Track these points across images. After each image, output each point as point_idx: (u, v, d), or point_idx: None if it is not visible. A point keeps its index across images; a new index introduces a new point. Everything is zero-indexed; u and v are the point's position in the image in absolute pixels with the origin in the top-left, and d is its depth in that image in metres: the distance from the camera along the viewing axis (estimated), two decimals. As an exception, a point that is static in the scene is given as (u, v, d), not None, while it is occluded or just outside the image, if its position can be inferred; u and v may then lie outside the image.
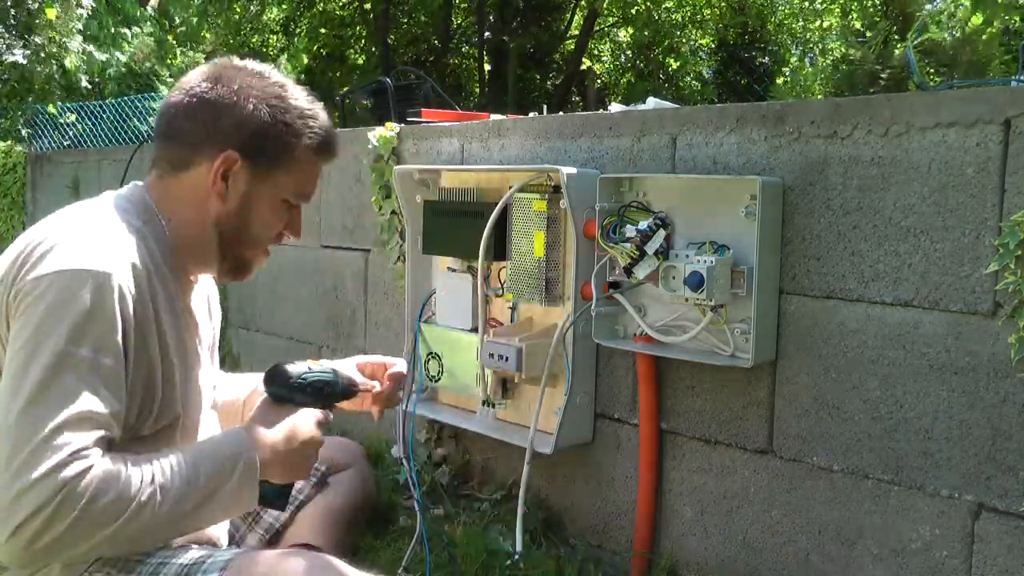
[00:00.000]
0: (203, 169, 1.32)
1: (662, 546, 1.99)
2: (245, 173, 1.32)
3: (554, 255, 1.99)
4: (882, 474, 1.65)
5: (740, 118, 1.82)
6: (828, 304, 1.71)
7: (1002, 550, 1.52)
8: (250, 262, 1.42)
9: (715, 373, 1.87)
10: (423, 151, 2.55)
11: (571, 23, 14.38)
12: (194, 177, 1.33)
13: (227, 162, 1.31)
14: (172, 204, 1.34)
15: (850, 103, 1.67)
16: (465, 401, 2.27)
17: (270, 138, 1.32)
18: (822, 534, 1.74)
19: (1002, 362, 1.50)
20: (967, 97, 1.55)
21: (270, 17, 13.36)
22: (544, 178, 2.01)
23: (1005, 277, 1.47)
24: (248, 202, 1.35)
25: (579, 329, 1.99)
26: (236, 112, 1.31)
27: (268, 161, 1.33)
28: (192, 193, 1.33)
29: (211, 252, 1.38)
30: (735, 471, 1.87)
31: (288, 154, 1.34)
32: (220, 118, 1.31)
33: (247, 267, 1.43)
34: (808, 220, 1.72)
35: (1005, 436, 1.51)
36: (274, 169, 1.34)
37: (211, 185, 1.32)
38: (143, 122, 5.32)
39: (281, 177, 1.35)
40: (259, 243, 1.40)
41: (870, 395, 1.66)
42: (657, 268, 1.78)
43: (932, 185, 1.56)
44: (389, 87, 3.03)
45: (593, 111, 3.33)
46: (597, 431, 2.11)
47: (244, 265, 1.42)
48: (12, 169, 5.43)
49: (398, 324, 2.61)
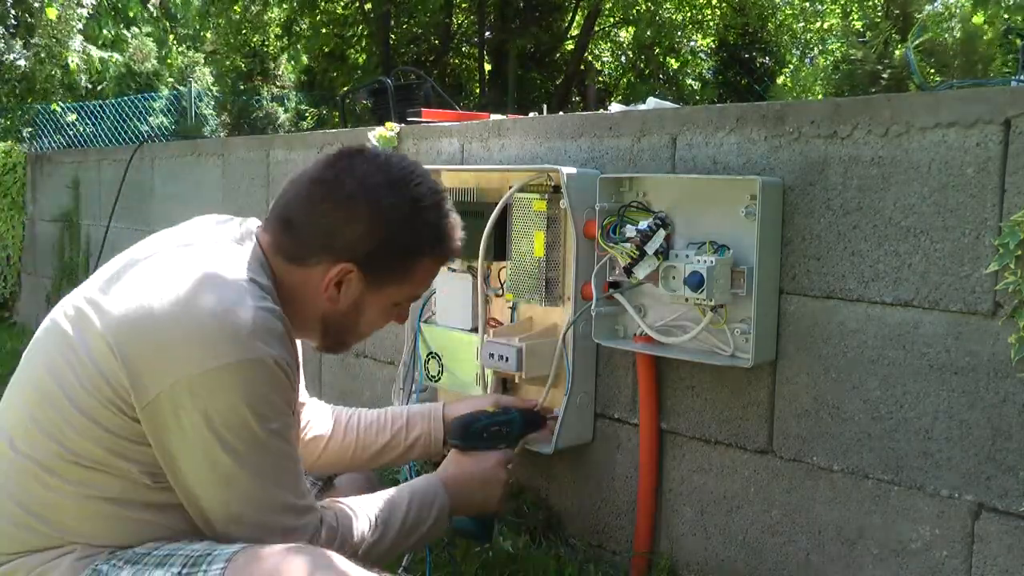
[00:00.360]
0: (319, 271, 1.30)
1: (662, 546, 1.99)
2: (360, 283, 1.31)
3: (554, 255, 1.99)
4: (882, 474, 1.65)
5: (740, 118, 1.82)
6: (828, 304, 1.71)
7: (1002, 550, 1.52)
8: (349, 344, 1.44)
9: (715, 373, 1.87)
10: (423, 151, 2.55)
11: (572, 23, 14.37)
12: (309, 274, 1.31)
13: (343, 273, 1.30)
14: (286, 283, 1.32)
15: (850, 103, 1.67)
16: (465, 401, 2.27)
17: (392, 255, 1.31)
18: (822, 534, 1.74)
19: (1002, 362, 1.50)
20: (967, 97, 1.54)
21: (271, 17, 13.36)
22: (544, 178, 2.01)
23: (1005, 277, 1.47)
24: (359, 308, 1.35)
25: (579, 329, 1.99)
26: (361, 225, 1.28)
27: (385, 277, 1.33)
28: (305, 285, 1.32)
29: (314, 333, 1.39)
30: (735, 471, 1.87)
31: (408, 269, 1.35)
32: (343, 227, 1.28)
33: (344, 347, 1.45)
34: (808, 220, 1.72)
35: (1005, 436, 1.50)
36: (390, 283, 1.34)
37: (323, 290, 1.31)
38: (143, 122, 5.33)
39: (396, 288, 1.36)
40: (364, 335, 1.43)
41: (870, 395, 1.66)
42: (657, 268, 1.78)
43: (932, 185, 1.56)
44: (389, 87, 3.03)
45: (593, 111, 3.33)
46: (597, 431, 2.11)
47: (342, 345, 1.44)
48: (12, 169, 5.43)
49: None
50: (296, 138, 3.20)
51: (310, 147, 3.02)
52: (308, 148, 3.03)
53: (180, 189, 3.90)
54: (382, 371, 2.77)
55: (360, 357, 2.86)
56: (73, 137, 8.15)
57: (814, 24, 14.75)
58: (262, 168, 3.28)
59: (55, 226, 5.02)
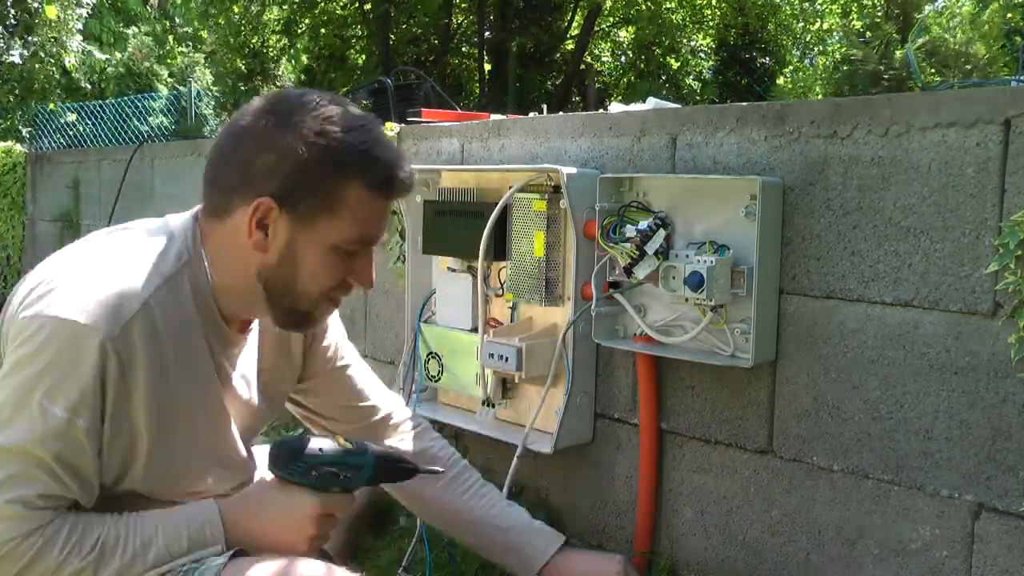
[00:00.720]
0: (240, 217, 1.19)
1: (662, 546, 1.99)
2: (285, 222, 1.18)
3: (554, 255, 1.99)
4: (882, 474, 1.65)
5: (740, 118, 1.82)
6: (828, 304, 1.71)
7: (1002, 550, 1.52)
8: (308, 314, 1.27)
9: (715, 373, 1.87)
10: (423, 151, 2.55)
11: (572, 23, 14.37)
12: (233, 225, 1.20)
13: (261, 210, 1.17)
14: (215, 250, 1.23)
15: (850, 103, 1.67)
16: (465, 401, 2.27)
17: (310, 181, 1.17)
18: (822, 534, 1.74)
19: (1002, 362, 1.50)
20: (967, 97, 1.54)
21: (270, 17, 13.36)
22: (544, 178, 2.01)
23: (1005, 277, 1.47)
24: (292, 253, 1.20)
25: (579, 329, 1.99)
26: (271, 152, 1.16)
27: (309, 207, 1.18)
28: (234, 241, 1.21)
29: (260, 303, 1.25)
30: (735, 471, 1.87)
31: (335, 197, 1.18)
32: (254, 160, 1.17)
33: (306, 319, 1.28)
34: (808, 220, 1.72)
35: (1005, 436, 1.50)
36: (317, 216, 1.19)
37: (248, 236, 1.19)
38: (143, 122, 5.33)
39: (327, 223, 1.19)
40: (310, 296, 1.24)
41: (870, 395, 1.66)
42: (657, 268, 1.78)
43: (932, 185, 1.56)
44: (389, 87, 3.03)
45: (593, 111, 3.33)
46: (597, 431, 2.11)
47: (302, 317, 1.27)
48: (12, 169, 5.43)
49: (398, 324, 2.61)
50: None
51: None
52: (308, 148, 3.03)
53: (180, 189, 3.90)
54: (382, 371, 2.76)
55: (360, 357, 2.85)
56: (73, 137, 8.15)
57: (814, 24, 14.75)
58: (262, 168, 3.28)
59: (55, 226, 5.02)
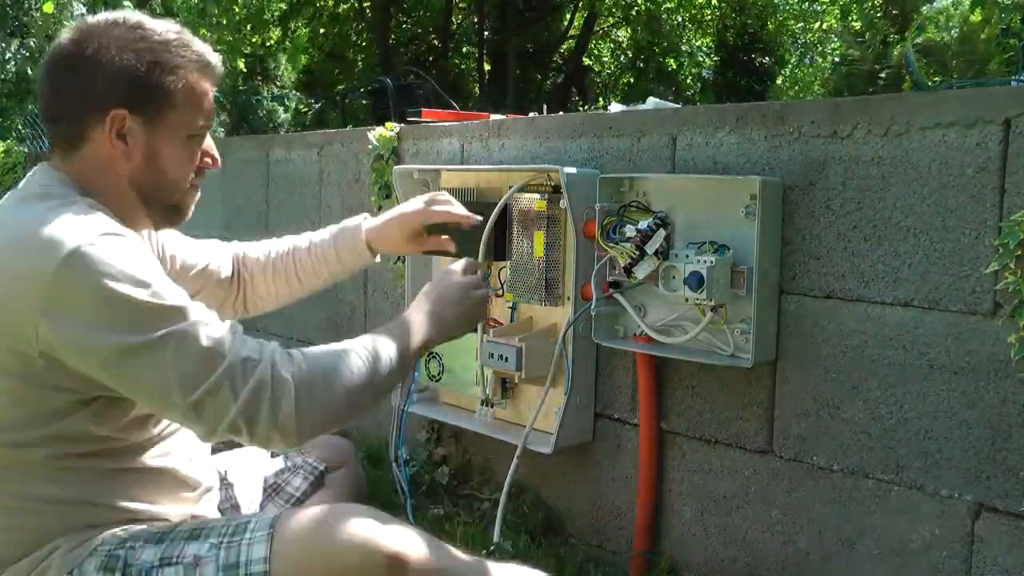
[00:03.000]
0: (97, 137, 1.28)
1: (662, 546, 1.99)
2: (138, 125, 1.28)
3: (554, 255, 1.99)
4: (882, 474, 1.65)
5: (740, 118, 1.82)
6: (828, 304, 1.71)
7: (1002, 550, 1.52)
8: (180, 204, 1.38)
9: (715, 373, 1.87)
10: (423, 151, 2.55)
11: (571, 23, 14.38)
12: (92, 148, 1.29)
13: (116, 122, 1.27)
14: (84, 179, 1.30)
15: (850, 103, 1.67)
16: (465, 401, 2.27)
17: (147, 81, 1.27)
18: (822, 534, 1.74)
19: (1002, 362, 1.50)
20: (967, 97, 1.55)
21: (270, 17, 13.35)
22: (544, 178, 2.01)
23: (1005, 277, 1.47)
24: (153, 151, 1.30)
25: (579, 329, 1.99)
26: (105, 68, 1.26)
27: (155, 105, 1.29)
28: (97, 163, 1.29)
29: (138, 211, 1.34)
30: (735, 471, 1.87)
31: (172, 91, 1.29)
32: (92, 82, 1.26)
33: (178, 211, 1.39)
34: (808, 220, 1.72)
35: (1005, 436, 1.51)
36: (164, 110, 1.30)
37: (112, 150, 1.28)
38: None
39: (174, 115, 1.31)
40: (180, 184, 1.36)
41: (870, 395, 1.66)
42: (657, 268, 1.78)
43: (932, 185, 1.56)
44: (389, 87, 3.04)
45: (593, 111, 3.33)
46: (597, 431, 2.11)
47: (174, 210, 1.39)
48: (12, 169, 5.43)
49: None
50: (296, 138, 3.20)
51: (310, 147, 3.02)
52: (308, 148, 3.03)
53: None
54: (382, 371, 2.76)
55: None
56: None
57: (814, 24, 14.77)
58: (262, 168, 3.28)
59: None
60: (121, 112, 1.26)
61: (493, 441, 2.21)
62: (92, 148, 1.29)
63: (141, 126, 1.28)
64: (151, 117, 1.29)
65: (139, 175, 1.31)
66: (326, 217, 2.91)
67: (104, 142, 1.28)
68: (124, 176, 1.30)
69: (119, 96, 1.26)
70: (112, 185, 1.30)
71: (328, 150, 2.92)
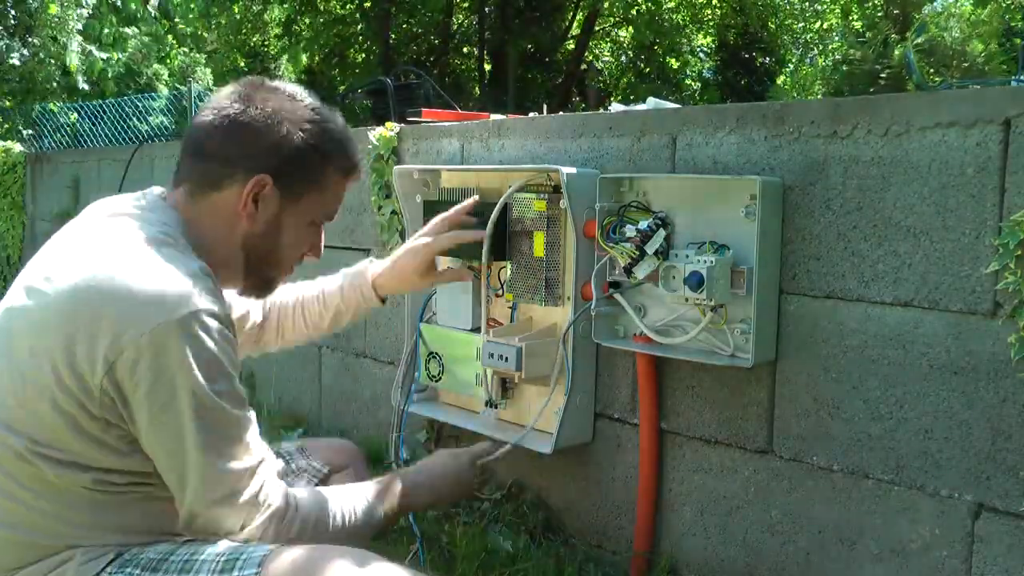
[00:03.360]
0: (235, 191, 1.32)
1: (662, 546, 1.99)
2: (276, 196, 1.34)
3: (554, 255, 1.99)
4: (882, 474, 1.65)
5: (740, 118, 1.82)
6: (828, 304, 1.71)
7: (1002, 550, 1.52)
8: (274, 281, 1.45)
9: (715, 373, 1.87)
10: (423, 151, 2.55)
11: (572, 23, 14.38)
12: (225, 198, 1.33)
13: (259, 185, 1.31)
14: (202, 223, 1.34)
15: (850, 103, 1.67)
16: (466, 401, 2.27)
17: (302, 163, 1.34)
18: (822, 534, 1.74)
19: (1002, 362, 1.50)
20: (967, 97, 1.55)
21: (271, 16, 13.36)
22: (544, 178, 2.01)
23: (1005, 277, 1.47)
24: (277, 224, 1.36)
25: (579, 329, 1.99)
26: (270, 136, 1.32)
27: (299, 185, 1.35)
28: (223, 213, 1.33)
29: (237, 271, 1.39)
30: (735, 471, 1.87)
31: (319, 178, 1.37)
32: (254, 141, 1.32)
33: (270, 286, 1.46)
34: (808, 220, 1.72)
35: (1005, 436, 1.51)
36: (305, 193, 1.36)
37: (242, 208, 1.32)
38: (143, 122, 5.33)
39: (311, 200, 1.38)
40: (285, 263, 1.42)
41: (870, 395, 1.66)
42: (657, 268, 1.78)
43: (932, 185, 1.56)
44: (389, 87, 3.03)
45: (593, 111, 3.33)
46: (597, 431, 2.11)
47: (268, 283, 1.45)
48: (12, 169, 5.43)
49: (398, 324, 2.61)
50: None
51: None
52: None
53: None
54: (382, 371, 2.77)
55: (360, 357, 2.86)
56: (73, 137, 8.15)
57: (814, 24, 14.77)
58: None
59: (55, 226, 5.02)
60: (267, 179, 1.32)
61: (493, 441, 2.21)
62: (223, 199, 1.33)
63: (279, 199, 1.34)
64: (291, 195, 1.35)
65: (255, 240, 1.36)
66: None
67: (237, 198, 1.32)
68: (240, 235, 1.35)
69: (272, 165, 1.32)
70: (225, 239, 1.35)
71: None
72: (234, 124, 1.32)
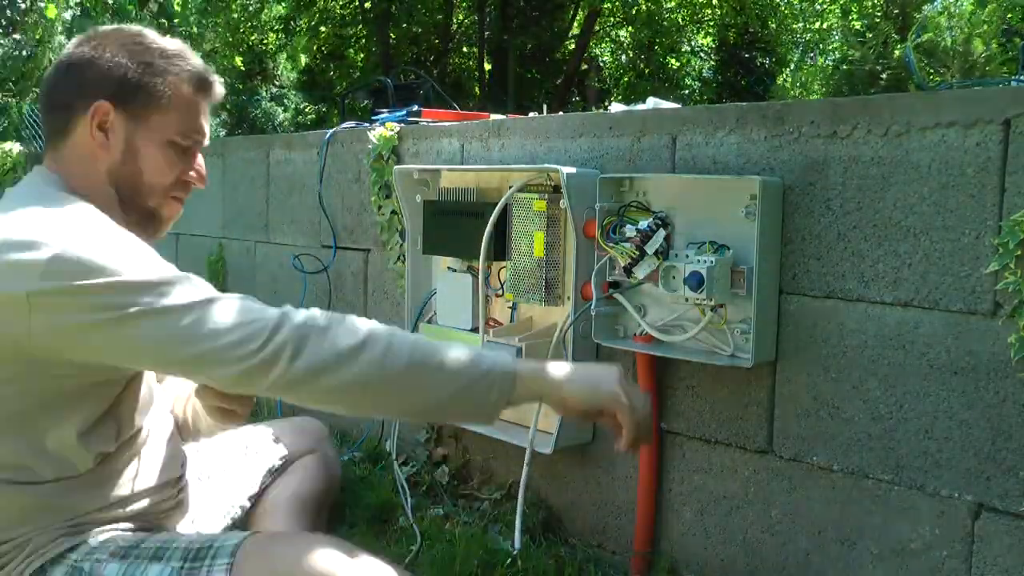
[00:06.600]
0: (83, 128, 1.33)
1: (662, 546, 1.99)
2: (121, 120, 1.33)
3: (554, 255, 1.99)
4: (882, 474, 1.65)
5: (740, 118, 1.82)
6: (828, 304, 1.71)
7: (1002, 550, 1.52)
8: (157, 212, 1.40)
9: (715, 373, 1.87)
10: (423, 151, 2.55)
11: (572, 23, 14.37)
12: (78, 139, 1.34)
13: (100, 113, 1.32)
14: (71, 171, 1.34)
15: (850, 103, 1.67)
16: (465, 401, 2.27)
17: (136, 82, 1.33)
18: (822, 534, 1.74)
19: (1002, 362, 1.50)
20: (967, 97, 1.54)
21: (270, 16, 13.36)
22: (544, 178, 2.01)
23: (1005, 277, 1.47)
24: (133, 148, 1.34)
25: (579, 329, 1.99)
26: (99, 65, 1.33)
27: (140, 104, 1.34)
28: (82, 153, 1.34)
29: (114, 209, 1.35)
30: (735, 471, 1.87)
31: (158, 93, 1.35)
32: (84, 75, 1.33)
33: (156, 218, 1.40)
34: (808, 220, 1.72)
35: (1005, 436, 1.51)
36: (148, 111, 1.34)
37: (92, 140, 1.33)
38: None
39: (158, 118, 1.35)
40: (157, 190, 1.38)
41: (870, 395, 1.66)
42: (657, 268, 1.78)
43: (932, 185, 1.56)
44: (389, 87, 3.03)
45: (593, 111, 3.33)
46: (597, 431, 2.11)
47: (152, 216, 1.39)
48: (12, 169, 5.43)
49: (398, 324, 2.61)
50: (296, 138, 3.20)
51: (310, 147, 3.02)
52: (308, 148, 3.03)
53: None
54: (382, 371, 2.76)
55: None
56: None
57: (814, 24, 14.76)
58: (262, 168, 3.28)
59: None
60: (105, 105, 1.32)
61: (493, 441, 2.21)
62: (77, 140, 1.34)
63: (124, 122, 1.34)
64: (135, 115, 1.34)
65: (118, 171, 1.35)
66: (326, 217, 2.91)
67: (87, 134, 1.33)
68: (104, 171, 1.34)
69: (107, 90, 1.32)
70: (93, 180, 1.34)
71: (328, 150, 2.92)
72: (65, 67, 1.35)
